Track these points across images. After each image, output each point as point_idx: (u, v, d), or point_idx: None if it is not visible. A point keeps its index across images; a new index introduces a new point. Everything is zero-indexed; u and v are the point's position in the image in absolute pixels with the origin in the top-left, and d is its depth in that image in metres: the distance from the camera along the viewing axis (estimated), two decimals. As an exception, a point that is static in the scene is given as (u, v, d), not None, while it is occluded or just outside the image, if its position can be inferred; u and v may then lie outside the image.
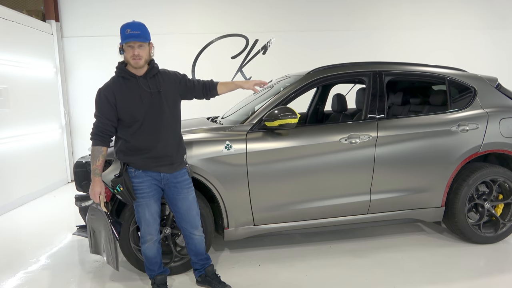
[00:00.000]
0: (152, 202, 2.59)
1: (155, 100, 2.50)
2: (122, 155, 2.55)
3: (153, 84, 2.52)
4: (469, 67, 4.21)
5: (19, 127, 5.36)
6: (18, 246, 3.90)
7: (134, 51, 2.40)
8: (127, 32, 2.38)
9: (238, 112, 3.72)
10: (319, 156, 3.19)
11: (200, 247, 2.81)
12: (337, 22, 7.14)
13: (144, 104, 2.47)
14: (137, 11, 6.67)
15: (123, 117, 2.47)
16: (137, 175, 2.54)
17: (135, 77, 2.49)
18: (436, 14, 7.33)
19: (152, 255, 2.70)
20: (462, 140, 3.38)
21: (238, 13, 6.96)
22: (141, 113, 2.47)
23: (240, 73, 7.04)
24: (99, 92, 2.49)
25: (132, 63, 2.43)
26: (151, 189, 2.57)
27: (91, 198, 2.57)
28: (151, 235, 2.64)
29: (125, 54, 2.44)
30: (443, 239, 3.69)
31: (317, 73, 3.43)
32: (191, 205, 2.68)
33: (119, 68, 2.52)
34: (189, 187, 2.68)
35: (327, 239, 3.73)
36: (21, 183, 5.34)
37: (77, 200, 3.09)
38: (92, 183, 2.51)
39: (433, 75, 3.61)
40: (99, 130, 2.48)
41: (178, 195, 2.63)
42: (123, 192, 2.50)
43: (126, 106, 2.46)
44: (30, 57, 5.76)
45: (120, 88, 2.47)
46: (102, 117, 2.46)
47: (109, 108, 2.45)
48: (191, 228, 2.72)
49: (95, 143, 2.48)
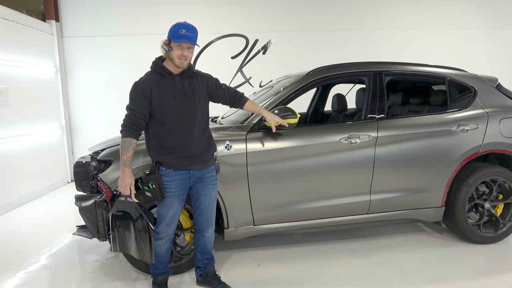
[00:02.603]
0: (176, 202, 2.60)
1: (188, 99, 2.53)
2: (155, 154, 2.56)
3: (188, 84, 2.55)
4: (469, 67, 4.20)
5: (19, 127, 5.36)
6: (18, 246, 3.90)
7: (183, 51, 2.44)
8: (181, 32, 2.40)
9: (238, 112, 3.71)
10: (319, 156, 3.19)
11: (209, 246, 2.84)
12: (337, 22, 7.14)
13: (177, 103, 2.49)
14: (137, 11, 6.67)
15: (156, 113, 2.48)
16: (167, 173, 2.55)
17: (171, 75, 2.51)
18: (436, 14, 7.33)
19: (162, 253, 2.72)
20: (462, 140, 3.38)
21: (238, 13, 6.96)
22: (173, 111, 2.49)
23: (240, 73, 7.04)
24: (136, 85, 2.50)
25: (177, 62, 2.46)
26: (178, 188, 2.58)
27: (119, 191, 2.50)
28: (166, 233, 2.66)
29: (173, 52, 2.44)
30: (443, 239, 3.69)
31: (317, 73, 3.44)
32: (211, 202, 2.71)
33: (156, 64, 2.54)
34: (214, 184, 2.70)
35: (327, 239, 3.73)
36: (21, 183, 5.34)
37: (77, 200, 3.08)
38: (122, 175, 2.46)
39: (433, 75, 3.61)
40: (131, 122, 2.46)
41: (202, 190, 2.66)
42: (154, 190, 2.50)
43: (160, 102, 2.47)
44: (30, 57, 5.76)
45: (157, 83, 2.49)
46: (136, 110, 2.46)
47: (144, 101, 2.46)
48: (207, 224, 2.75)
49: (126, 134, 2.46)
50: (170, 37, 2.45)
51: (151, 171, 2.57)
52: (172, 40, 2.44)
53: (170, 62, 2.51)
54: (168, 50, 2.46)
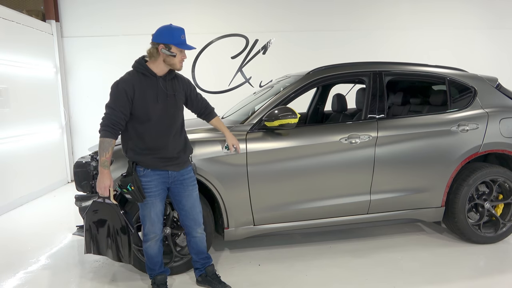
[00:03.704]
0: (158, 201, 2.61)
1: (170, 101, 2.55)
2: (132, 153, 2.55)
3: (170, 86, 2.57)
4: (469, 67, 4.21)
5: (19, 127, 5.36)
6: (18, 246, 3.90)
7: (183, 55, 2.52)
8: (182, 37, 2.48)
9: (238, 112, 3.71)
10: (319, 156, 3.19)
11: (202, 245, 2.83)
12: (337, 22, 7.14)
13: (159, 104, 2.50)
14: (137, 11, 6.67)
15: (137, 113, 2.47)
16: (145, 174, 2.55)
17: (155, 76, 2.52)
18: (436, 14, 7.33)
19: (154, 254, 2.72)
20: (462, 140, 3.38)
21: (238, 13, 6.96)
22: (155, 112, 2.49)
23: (240, 73, 7.04)
24: (117, 84, 2.48)
25: (179, 66, 2.53)
26: (158, 188, 2.59)
27: (97, 192, 2.47)
28: (154, 233, 2.66)
29: (176, 57, 2.48)
30: (443, 239, 3.69)
31: (317, 73, 3.44)
32: (195, 202, 2.71)
33: (140, 63, 2.53)
34: (193, 185, 2.72)
35: (327, 239, 3.73)
36: (21, 183, 5.34)
37: (77, 200, 3.08)
38: (100, 176, 2.43)
39: (433, 75, 3.61)
40: (110, 122, 2.43)
41: (183, 192, 2.66)
42: (134, 191, 2.48)
43: (143, 103, 2.46)
44: (30, 57, 5.76)
45: (140, 83, 2.49)
46: (117, 109, 2.43)
47: (125, 100, 2.44)
48: (195, 225, 2.74)
49: (105, 134, 2.43)
50: (170, 42, 2.44)
51: (128, 172, 2.55)
52: (174, 45, 2.45)
53: (156, 64, 2.50)
54: (172, 55, 2.46)
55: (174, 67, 2.53)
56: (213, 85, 7.02)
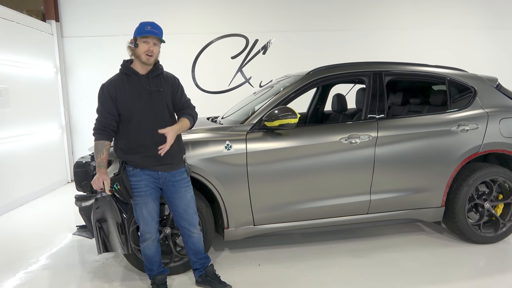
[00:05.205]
0: (150, 201, 2.61)
1: (154, 98, 2.55)
2: (121, 153, 2.59)
3: (154, 83, 2.57)
4: (469, 67, 4.20)
5: (19, 127, 5.36)
6: (18, 246, 3.90)
7: (150, 46, 2.47)
8: (147, 28, 2.46)
9: (238, 112, 3.71)
10: (319, 156, 3.19)
11: (199, 246, 2.82)
12: (337, 22, 7.14)
13: (143, 101, 2.52)
14: (137, 11, 6.67)
15: (122, 111, 2.52)
16: (135, 173, 2.57)
17: (137, 75, 2.54)
18: (436, 14, 7.33)
19: (151, 254, 2.72)
20: (462, 140, 3.38)
21: (238, 13, 6.96)
22: (139, 109, 2.51)
23: (240, 73, 7.04)
24: (102, 87, 2.55)
25: (144, 58, 2.48)
26: (148, 187, 2.59)
27: (94, 188, 2.52)
28: (150, 233, 2.66)
29: (139, 48, 2.47)
30: (443, 239, 3.69)
31: (317, 73, 3.44)
32: (189, 204, 2.70)
33: (123, 65, 2.59)
34: (187, 186, 2.70)
35: (327, 239, 3.73)
36: (21, 183, 5.34)
37: (77, 200, 3.08)
38: (98, 175, 2.48)
39: (433, 75, 3.61)
40: (101, 125, 2.51)
41: (176, 194, 2.65)
42: (120, 191, 2.51)
43: (125, 101, 2.50)
44: (30, 57, 5.76)
45: (123, 83, 2.53)
46: (105, 111, 2.50)
47: (110, 102, 2.50)
48: (189, 225, 2.73)
49: (98, 137, 2.52)
50: (136, 35, 2.49)
51: (118, 171, 2.57)
52: (138, 37, 2.47)
53: (137, 62, 2.53)
54: (135, 46, 2.48)
55: (140, 59, 2.49)
56: (213, 85, 7.02)
